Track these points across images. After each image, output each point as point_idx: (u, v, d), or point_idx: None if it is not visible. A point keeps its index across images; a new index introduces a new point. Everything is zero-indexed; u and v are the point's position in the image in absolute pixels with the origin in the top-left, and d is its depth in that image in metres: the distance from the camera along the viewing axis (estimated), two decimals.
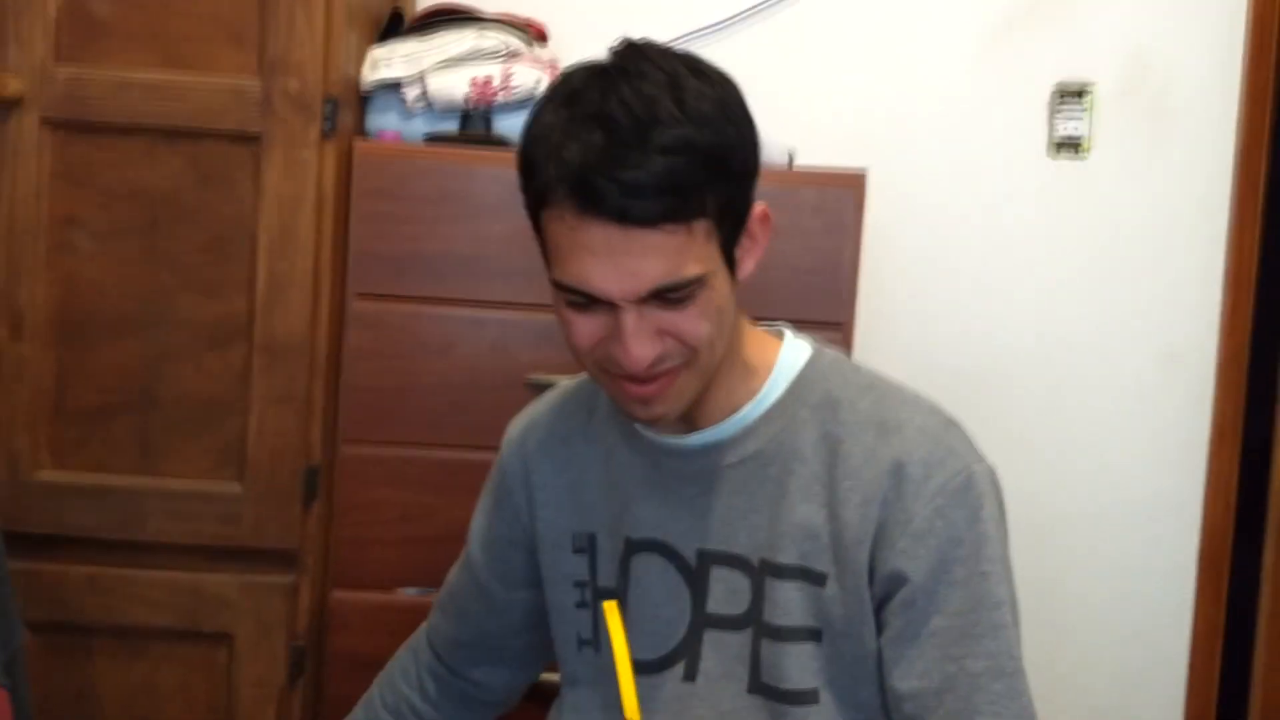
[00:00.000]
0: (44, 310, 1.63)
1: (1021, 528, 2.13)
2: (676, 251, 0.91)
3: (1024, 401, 2.21)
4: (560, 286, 0.94)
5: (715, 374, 1.00)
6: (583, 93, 0.92)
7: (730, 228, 0.95)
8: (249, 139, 1.62)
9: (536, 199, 0.94)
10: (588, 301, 0.93)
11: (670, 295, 0.92)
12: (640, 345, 0.93)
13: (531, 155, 0.94)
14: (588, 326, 0.95)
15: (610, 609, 0.94)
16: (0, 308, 1.62)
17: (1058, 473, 2.21)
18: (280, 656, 1.66)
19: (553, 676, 1.19)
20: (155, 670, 1.67)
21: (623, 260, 0.90)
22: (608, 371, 0.97)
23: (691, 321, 0.94)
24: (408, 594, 1.67)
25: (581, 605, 1.10)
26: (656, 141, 0.89)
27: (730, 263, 0.96)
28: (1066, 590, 2.22)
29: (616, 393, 0.99)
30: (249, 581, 1.66)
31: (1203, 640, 2.23)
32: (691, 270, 0.92)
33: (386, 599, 1.67)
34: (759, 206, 0.99)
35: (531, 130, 0.95)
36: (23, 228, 1.61)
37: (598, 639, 1.08)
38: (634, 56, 0.94)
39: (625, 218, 0.89)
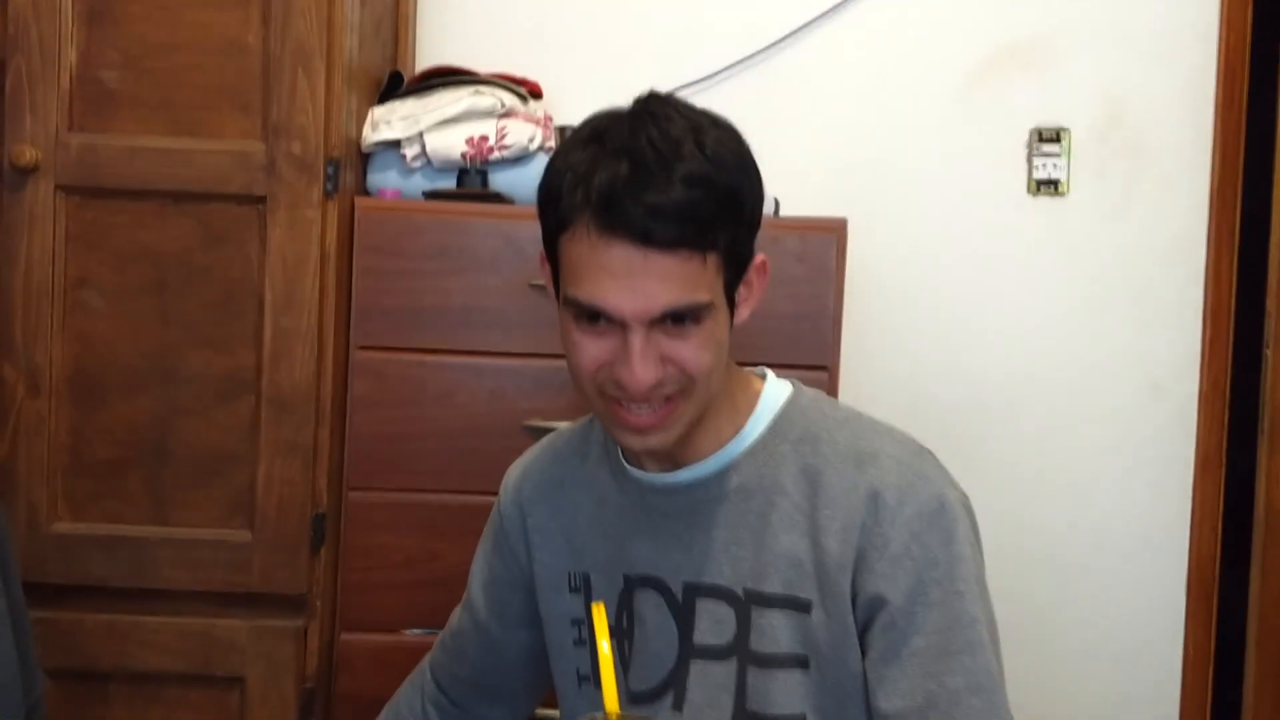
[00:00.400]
0: (60, 368, 1.67)
1: (1011, 558, 2.19)
2: (689, 278, 0.95)
3: (1010, 436, 2.24)
4: (573, 304, 0.98)
5: (705, 411, 1.04)
6: (610, 131, 0.98)
7: (735, 269, 1.00)
8: (255, 200, 1.66)
9: (558, 223, 0.98)
10: (598, 321, 0.97)
11: (678, 320, 0.96)
12: (644, 367, 0.96)
13: (556, 185, 0.98)
14: (594, 348, 0.99)
15: (598, 610, 0.97)
16: (18, 366, 1.65)
17: (1046, 505, 2.24)
18: (290, 699, 1.68)
19: (552, 711, 1.22)
20: (170, 715, 1.69)
21: (639, 281, 0.94)
22: (607, 395, 1.00)
23: (693, 351, 0.98)
24: (413, 635, 1.69)
25: (579, 643, 1.13)
26: (679, 172, 0.94)
27: (731, 303, 1.01)
28: (1057, 619, 2.24)
29: (613, 419, 1.02)
30: (259, 626, 1.68)
31: (1193, 666, 2.25)
32: (701, 297, 0.96)
33: (393, 641, 1.69)
34: (759, 257, 1.04)
35: (556, 165, 1.00)
36: (39, 289, 1.65)
37: (596, 675, 1.11)
38: (658, 103, 1.00)
39: (646, 239, 0.94)
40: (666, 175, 0.94)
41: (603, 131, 0.98)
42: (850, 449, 1.05)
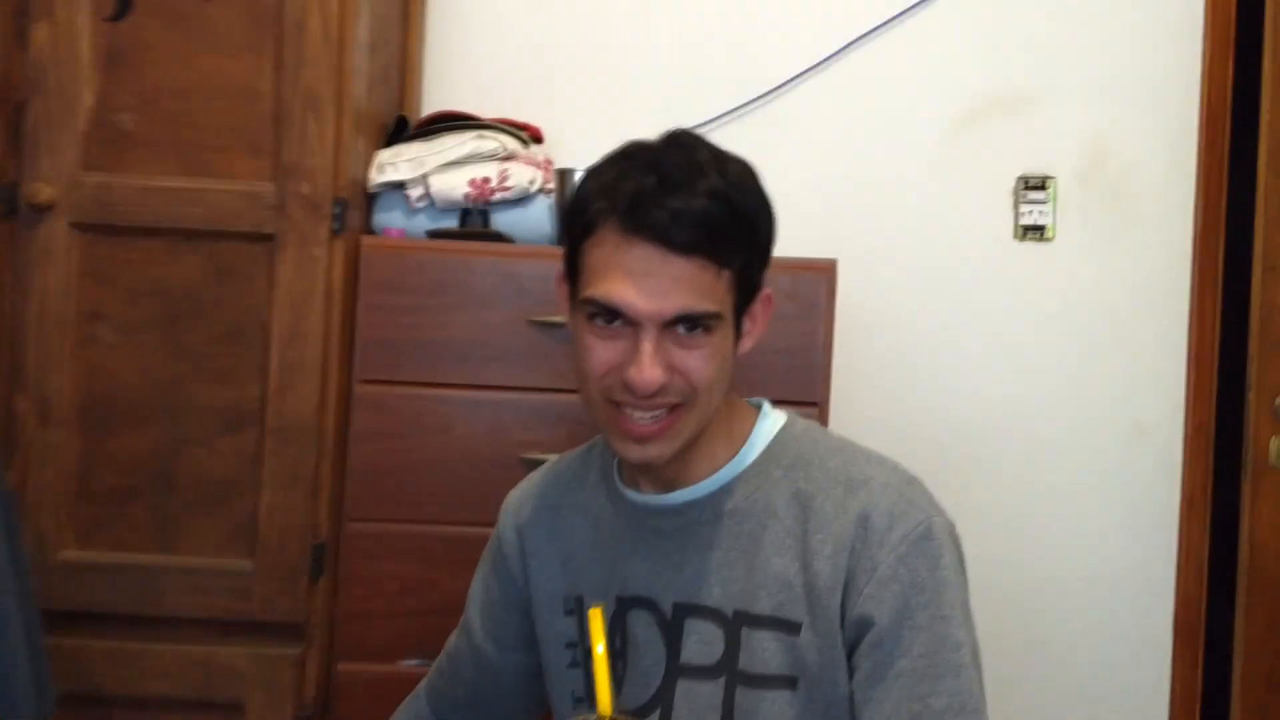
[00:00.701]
0: (70, 399, 1.69)
1: (996, 597, 2.21)
2: (704, 286, 1.01)
3: (996, 476, 2.26)
4: (590, 304, 1.03)
5: (702, 432, 1.07)
6: (639, 152, 1.05)
7: (745, 293, 1.06)
8: (264, 238, 1.69)
9: (583, 230, 1.04)
10: (612, 322, 1.02)
11: (689, 328, 1.02)
12: (653, 368, 1.01)
13: (585, 195, 1.05)
14: (605, 352, 1.03)
15: (594, 615, 1.01)
16: (30, 397, 1.68)
17: (1031, 545, 2.26)
18: None
19: None
20: None
21: (657, 281, 1.00)
22: (612, 402, 1.04)
23: (699, 362, 1.03)
24: (409, 666, 1.70)
25: (573, 665, 1.16)
26: (702, 186, 1.01)
27: (738, 326, 1.07)
28: (1043, 658, 2.26)
29: (615, 428, 1.05)
30: (259, 654, 1.69)
31: (1181, 705, 2.26)
32: (710, 306, 1.02)
33: (390, 670, 1.70)
34: (766, 290, 1.10)
35: (584, 184, 1.07)
36: (52, 323, 1.69)
37: (591, 697, 1.13)
38: (685, 135, 1.08)
39: (667, 241, 1.00)
40: (690, 187, 1.00)
41: (632, 153, 1.05)
42: (841, 475, 1.09)
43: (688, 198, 1.00)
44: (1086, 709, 2.27)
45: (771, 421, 1.15)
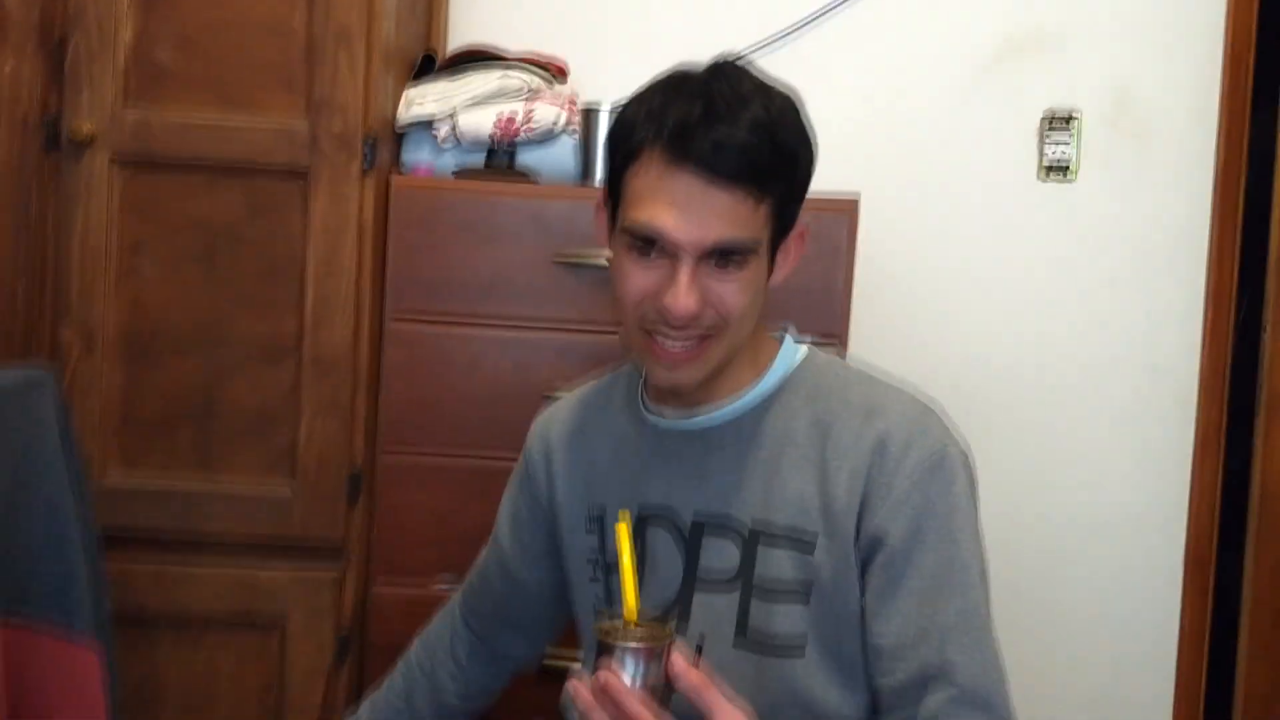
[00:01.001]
0: (113, 330, 1.73)
1: (1011, 535, 2.26)
2: (743, 217, 1.03)
3: (1012, 415, 2.29)
4: (630, 231, 1.05)
5: (729, 359, 1.11)
6: (686, 80, 1.06)
7: (781, 226, 1.08)
8: (297, 174, 1.72)
9: (625, 156, 1.06)
10: (650, 250, 1.04)
11: (725, 257, 1.04)
12: (688, 297, 1.03)
13: (629, 121, 1.06)
14: (643, 278, 1.06)
15: (621, 528, 1.02)
16: (74, 327, 1.73)
17: (1047, 482, 2.29)
18: (327, 643, 1.75)
19: (560, 663, 1.32)
20: (213, 657, 1.76)
21: (698, 211, 1.02)
22: (645, 327, 1.08)
23: (734, 293, 1.05)
24: (442, 587, 1.73)
25: (594, 580, 1.21)
26: (746, 118, 1.02)
27: (772, 258, 1.10)
28: (1057, 594, 2.30)
29: (647, 351, 1.09)
30: (299, 575, 1.75)
31: (1189, 641, 2.30)
32: (748, 236, 1.04)
33: (422, 591, 1.75)
34: (801, 225, 1.12)
35: (629, 108, 1.08)
36: (94, 255, 1.72)
37: (612, 609, 1.18)
38: (730, 65, 1.09)
39: (711, 170, 1.01)
40: (735, 117, 1.02)
41: (678, 81, 1.06)
42: (860, 404, 1.13)
43: (732, 128, 1.01)
44: (1097, 644, 2.32)
45: (795, 352, 1.18)
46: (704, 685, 0.93)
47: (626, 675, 0.91)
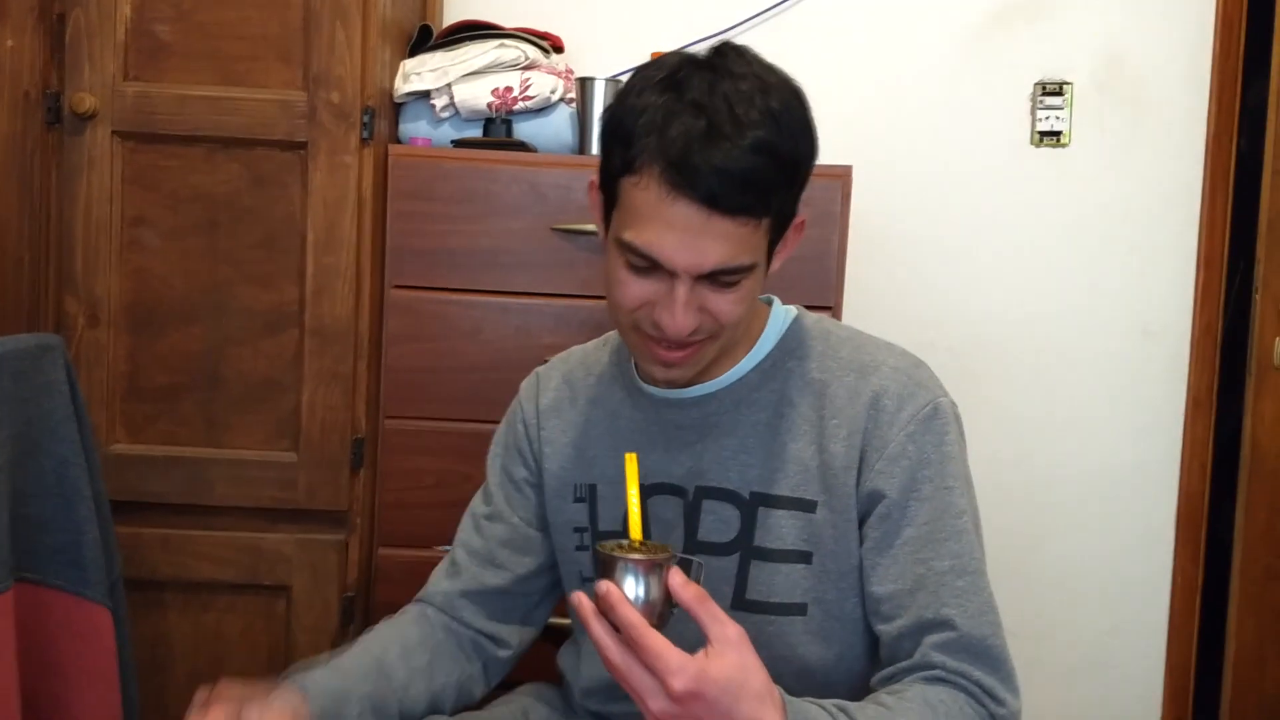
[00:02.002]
0: (118, 301, 1.76)
1: (1007, 493, 2.30)
2: (742, 240, 1.01)
3: (1007, 377, 2.32)
4: (628, 248, 1.03)
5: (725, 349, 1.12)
6: (687, 81, 1.01)
7: (781, 228, 1.06)
8: (296, 146, 1.74)
9: (624, 164, 1.02)
10: (648, 266, 1.03)
11: (724, 278, 1.02)
12: (686, 315, 1.03)
13: (629, 126, 1.01)
14: (638, 289, 1.04)
15: (629, 459, 1.02)
16: (79, 298, 1.75)
17: (1043, 444, 2.33)
18: (333, 606, 1.78)
19: (564, 620, 1.29)
20: (221, 620, 1.80)
21: (698, 240, 1.00)
22: (640, 331, 1.08)
23: (730, 305, 1.05)
24: (445, 550, 1.79)
25: (580, 548, 1.23)
26: (749, 139, 0.98)
27: (769, 257, 1.08)
28: (1052, 552, 2.34)
29: (643, 352, 1.10)
30: (304, 540, 1.78)
31: (1181, 596, 2.35)
32: (747, 259, 1.02)
33: (426, 555, 1.77)
34: (799, 216, 1.10)
35: (629, 103, 1.03)
36: (98, 227, 1.74)
37: (596, 576, 1.19)
38: (735, 55, 1.04)
39: (712, 202, 0.98)
40: (738, 140, 0.98)
41: (680, 80, 1.01)
42: (853, 361, 1.15)
43: (734, 152, 0.98)
44: (1091, 601, 2.36)
45: (783, 315, 1.20)
46: (701, 598, 0.94)
47: (628, 589, 0.94)
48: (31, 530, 1.34)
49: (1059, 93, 2.28)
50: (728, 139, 0.98)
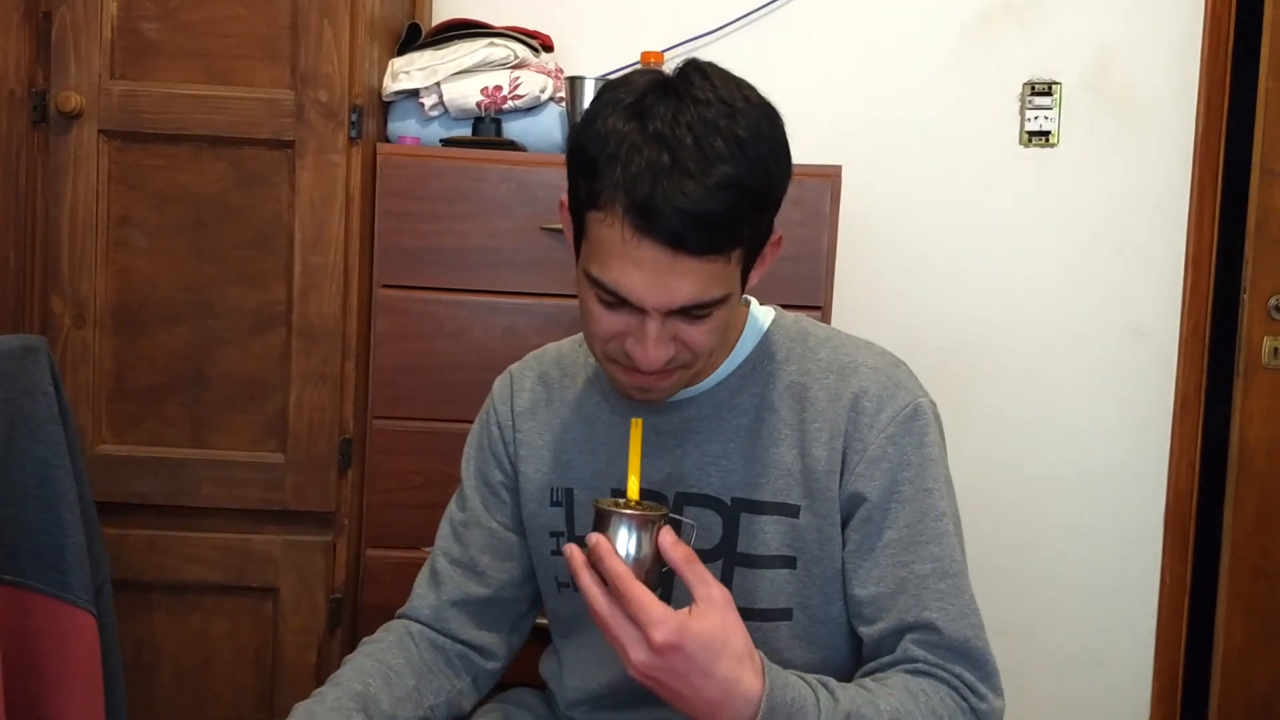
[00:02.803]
0: (104, 300, 1.75)
1: (997, 493, 2.29)
2: (712, 276, 0.98)
3: (997, 377, 2.32)
4: (595, 282, 1.00)
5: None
6: (653, 108, 0.97)
7: (755, 253, 1.04)
8: (284, 145, 1.73)
9: (589, 197, 0.98)
10: (618, 302, 1.00)
11: (695, 312, 1.00)
12: (657, 349, 1.01)
13: (593, 155, 0.97)
14: (610, 322, 1.02)
15: (635, 425, 1.01)
16: (66, 298, 1.74)
17: (1033, 443, 2.33)
18: (320, 608, 1.78)
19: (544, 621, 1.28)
20: (208, 622, 1.79)
21: (666, 279, 0.97)
22: (614, 361, 1.06)
23: (703, 335, 1.03)
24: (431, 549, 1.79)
25: (556, 553, 1.20)
26: (715, 177, 0.94)
27: (745, 280, 1.05)
28: (1041, 551, 2.34)
29: (618, 379, 1.08)
30: (291, 541, 1.77)
31: (1169, 595, 2.35)
32: (718, 292, 1.00)
33: (414, 556, 1.74)
34: (776, 234, 1.07)
35: (594, 128, 0.98)
36: (84, 227, 1.73)
37: (573, 582, 1.16)
38: (699, 78, 0.99)
39: (678, 244, 0.95)
40: (704, 178, 0.94)
41: (645, 108, 0.97)
42: (833, 363, 1.14)
43: (700, 194, 0.94)
44: (1080, 599, 2.36)
45: (761, 316, 1.19)
46: (690, 558, 0.94)
47: (619, 543, 0.95)
48: (13, 533, 1.33)
49: (1048, 93, 2.28)
50: (692, 177, 0.94)
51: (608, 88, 1.02)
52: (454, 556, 1.26)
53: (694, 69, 1.01)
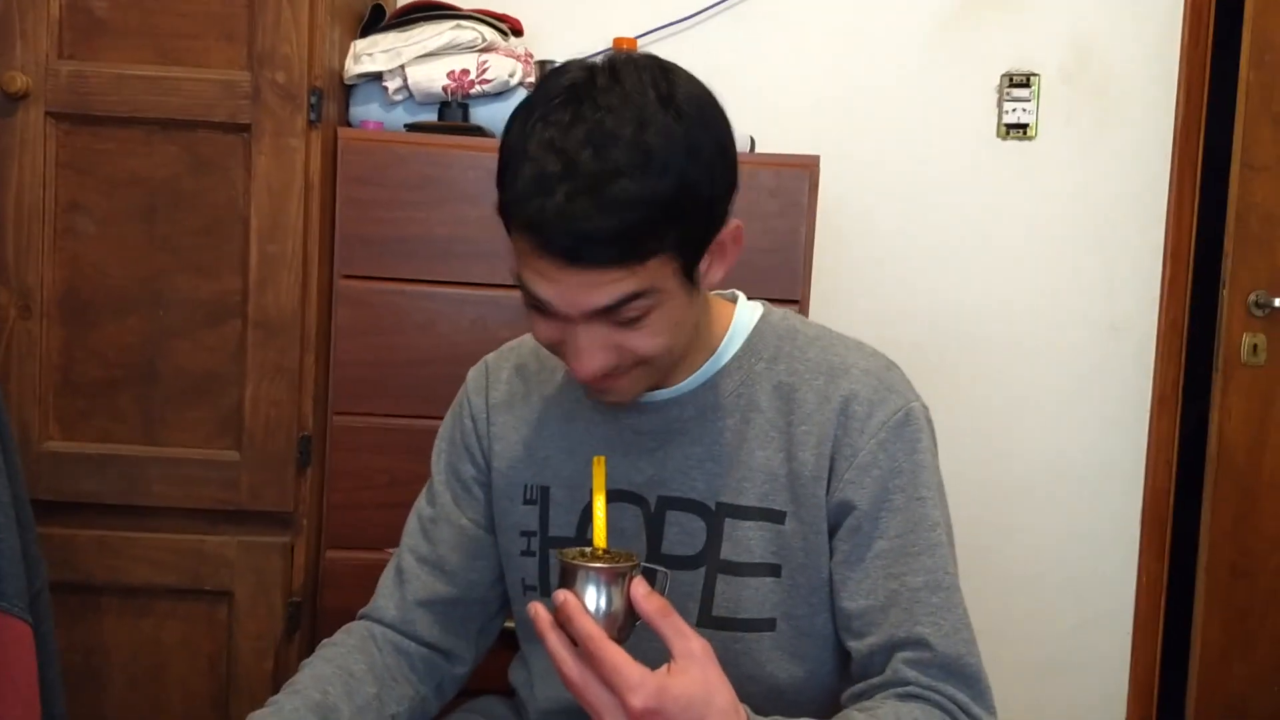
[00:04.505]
0: (51, 290, 1.69)
1: (973, 489, 2.27)
2: (625, 280, 0.92)
3: (973, 371, 2.30)
4: (520, 286, 0.97)
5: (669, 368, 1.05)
6: (553, 114, 0.91)
7: (693, 251, 0.96)
8: (240, 128, 1.67)
9: (500, 207, 0.95)
10: (542, 308, 0.97)
11: (618, 316, 0.94)
12: (590, 358, 0.97)
13: (501, 163, 0.94)
14: (545, 328, 0.99)
15: (598, 463, 0.98)
16: (11, 288, 1.68)
17: (1007, 440, 2.31)
18: (278, 612, 1.73)
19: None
20: (160, 626, 1.73)
21: (571, 288, 0.93)
22: (567, 366, 1.02)
23: (644, 339, 0.97)
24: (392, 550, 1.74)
25: (527, 553, 1.16)
26: (612, 193, 0.88)
27: (692, 277, 0.98)
28: (1018, 548, 2.33)
29: (576, 380, 1.04)
30: (247, 542, 1.72)
31: (1146, 593, 2.35)
32: (635, 291, 0.93)
33: (376, 558, 1.70)
34: (732, 224, 1.00)
35: (510, 129, 0.95)
36: (30, 214, 1.67)
37: (541, 585, 1.14)
38: (607, 79, 0.93)
39: (575, 261, 0.91)
40: (599, 197, 0.88)
41: (548, 114, 0.91)
42: (822, 363, 1.10)
43: (595, 214, 0.88)
44: (1056, 599, 2.35)
45: (748, 313, 1.14)
46: (665, 611, 0.90)
47: (588, 599, 0.90)
48: None
49: (1026, 84, 2.27)
50: (585, 193, 0.88)
51: (539, 82, 0.97)
52: (421, 554, 1.22)
53: (607, 68, 0.94)
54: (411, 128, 1.86)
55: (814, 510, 1.07)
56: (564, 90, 0.93)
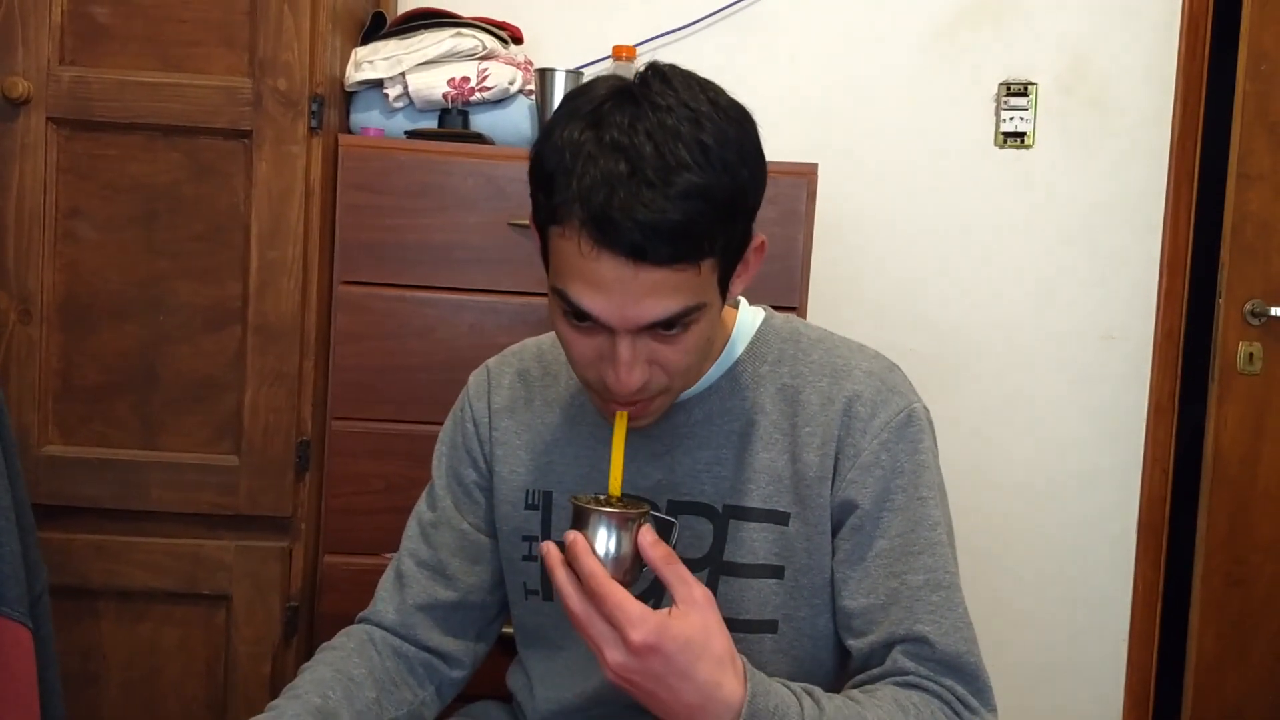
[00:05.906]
0: (51, 295, 1.69)
1: (969, 497, 2.26)
2: (681, 287, 0.93)
3: (971, 380, 2.30)
4: (562, 298, 0.95)
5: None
6: (609, 116, 0.92)
7: (731, 261, 0.98)
8: (241, 135, 1.68)
9: (549, 214, 0.94)
10: (586, 320, 0.95)
11: (668, 326, 0.95)
12: (631, 373, 0.96)
13: (550, 169, 0.93)
14: (583, 345, 0.98)
15: (619, 418, 0.98)
16: (11, 293, 1.68)
17: (1003, 448, 2.31)
18: (275, 616, 1.73)
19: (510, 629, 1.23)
20: (158, 630, 1.73)
21: (629, 295, 0.92)
22: (594, 389, 1.02)
23: (679, 354, 0.98)
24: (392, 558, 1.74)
25: (528, 558, 1.16)
26: (678, 185, 0.90)
27: (724, 290, 0.99)
28: (1014, 557, 2.33)
29: (599, 406, 1.04)
30: (245, 547, 1.72)
31: (1142, 602, 2.35)
32: (690, 301, 0.94)
33: (374, 562, 1.73)
34: (757, 239, 1.02)
35: (552, 139, 0.94)
36: (31, 219, 1.68)
37: (543, 590, 1.15)
38: (659, 83, 0.94)
39: (639, 257, 0.90)
40: (665, 188, 0.90)
41: (602, 115, 0.93)
42: (825, 365, 1.11)
43: (661, 203, 0.89)
44: (1052, 606, 2.35)
45: (751, 317, 1.15)
46: (670, 558, 0.92)
47: (598, 542, 0.92)
48: None
49: (1024, 93, 2.27)
50: (651, 186, 0.89)
51: (568, 97, 0.98)
52: (421, 558, 1.22)
53: (655, 74, 0.96)
54: (412, 135, 1.87)
55: (818, 511, 1.08)
56: (613, 94, 0.95)
